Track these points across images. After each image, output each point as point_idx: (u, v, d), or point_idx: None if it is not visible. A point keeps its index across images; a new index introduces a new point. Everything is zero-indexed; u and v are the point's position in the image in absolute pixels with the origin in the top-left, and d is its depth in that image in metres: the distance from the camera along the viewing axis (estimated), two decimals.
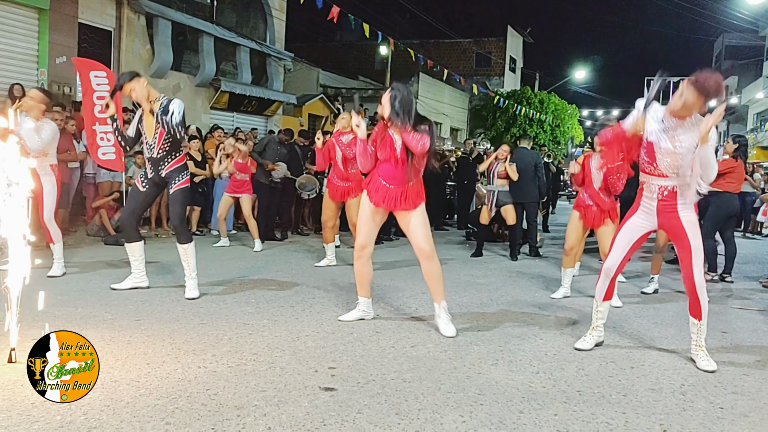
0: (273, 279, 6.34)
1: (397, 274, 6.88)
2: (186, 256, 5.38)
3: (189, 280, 5.36)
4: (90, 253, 7.46)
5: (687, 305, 4.11)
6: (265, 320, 4.60)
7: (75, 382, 2.77)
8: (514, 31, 36.06)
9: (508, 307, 5.55)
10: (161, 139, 5.24)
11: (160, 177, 5.33)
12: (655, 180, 3.98)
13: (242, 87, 16.14)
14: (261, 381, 3.30)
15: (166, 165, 5.29)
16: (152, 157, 5.31)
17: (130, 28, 13.18)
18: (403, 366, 3.66)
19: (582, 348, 4.21)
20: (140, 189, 5.42)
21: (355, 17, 14.45)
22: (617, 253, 4.13)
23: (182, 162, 5.37)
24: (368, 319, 4.76)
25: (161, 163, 5.29)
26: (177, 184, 5.31)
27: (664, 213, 3.99)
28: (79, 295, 5.14)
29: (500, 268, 7.84)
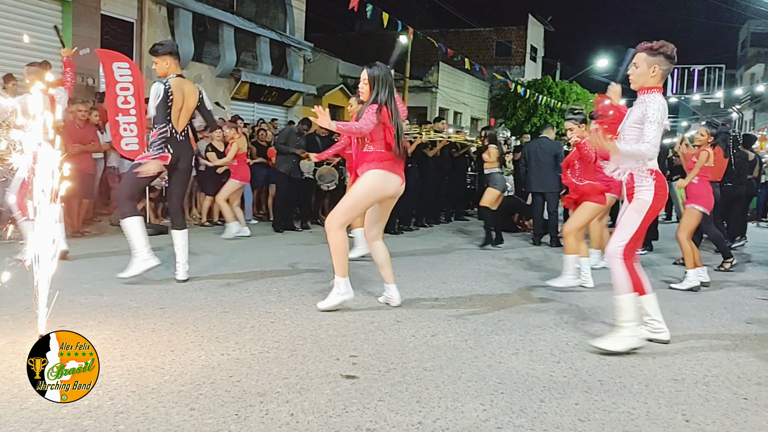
0: (294, 268, 6.38)
1: (418, 263, 6.89)
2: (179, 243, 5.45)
3: (181, 265, 5.44)
4: (114, 243, 7.55)
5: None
6: (287, 309, 4.64)
7: (75, 382, 2.81)
8: (535, 19, 35.71)
9: (528, 297, 5.54)
10: None
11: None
12: None
13: (262, 77, 16.21)
14: (283, 368, 3.34)
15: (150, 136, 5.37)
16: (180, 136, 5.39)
17: (152, 19, 13.28)
18: (423, 355, 3.68)
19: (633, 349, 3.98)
20: None
21: (374, 6, 14.42)
22: None
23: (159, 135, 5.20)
24: (393, 305, 4.82)
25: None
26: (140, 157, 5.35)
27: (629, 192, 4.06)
28: (104, 284, 5.22)
29: (521, 258, 7.82)
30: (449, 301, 5.17)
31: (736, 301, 5.76)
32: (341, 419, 2.74)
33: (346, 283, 4.64)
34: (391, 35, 26.79)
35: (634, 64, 3.97)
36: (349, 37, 31.78)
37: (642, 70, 3.95)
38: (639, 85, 3.98)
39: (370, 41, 31.67)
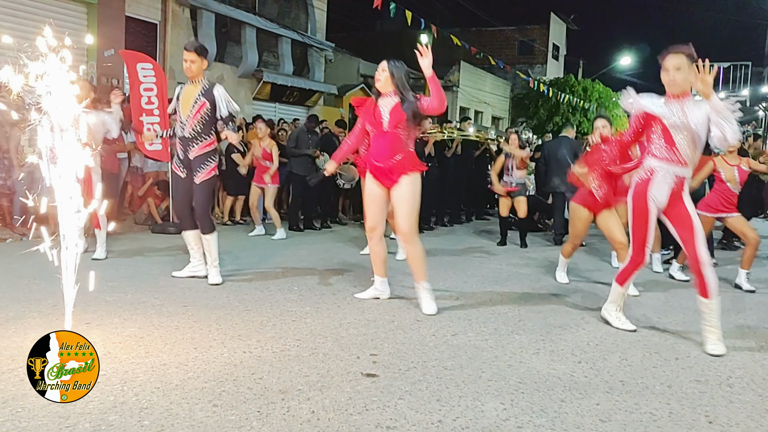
0: (315, 267, 6.42)
1: (438, 263, 6.88)
2: (209, 246, 5.40)
3: (211, 267, 5.41)
4: (138, 241, 7.67)
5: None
6: (308, 307, 4.68)
7: (75, 382, 2.84)
8: (558, 18, 35.40)
9: (549, 296, 5.51)
10: (195, 117, 5.20)
11: (188, 159, 5.29)
12: (672, 167, 4.02)
13: (284, 78, 16.29)
14: (304, 366, 3.37)
15: (196, 146, 5.24)
16: (183, 136, 5.28)
17: (175, 20, 13.42)
18: (444, 354, 3.68)
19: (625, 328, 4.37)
20: (181, 175, 5.39)
21: (397, 5, 14.43)
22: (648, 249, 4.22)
23: (212, 146, 5.34)
24: (383, 298, 4.94)
25: (191, 144, 5.25)
26: (203, 175, 5.28)
27: (673, 200, 4.06)
28: (129, 282, 5.30)
29: (542, 258, 7.78)
30: (470, 300, 5.17)
31: (761, 302, 5.68)
32: (361, 417, 2.76)
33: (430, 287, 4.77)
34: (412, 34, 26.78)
35: (677, 68, 3.87)
36: (370, 37, 31.79)
37: (685, 74, 3.87)
38: (682, 89, 3.91)
39: (391, 40, 31.67)
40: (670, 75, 3.90)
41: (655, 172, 4.06)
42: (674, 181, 4.03)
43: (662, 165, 4.03)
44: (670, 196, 4.05)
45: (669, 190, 4.04)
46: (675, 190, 4.04)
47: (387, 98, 4.66)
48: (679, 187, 4.05)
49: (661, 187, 4.04)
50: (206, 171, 5.31)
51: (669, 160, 4.01)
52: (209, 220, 5.49)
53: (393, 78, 4.62)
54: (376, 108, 4.68)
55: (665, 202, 4.07)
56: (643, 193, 4.09)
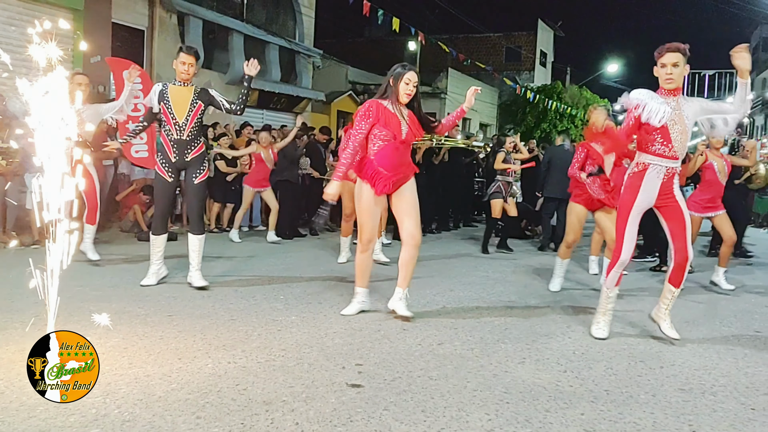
0: (301, 276, 6.40)
1: (425, 270, 6.88)
2: (197, 247, 5.48)
3: (195, 271, 5.48)
4: (123, 249, 7.61)
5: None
6: (294, 317, 4.66)
7: (75, 382, 2.81)
8: (545, 24, 35.65)
9: (535, 304, 5.53)
10: (193, 120, 5.29)
11: (184, 161, 5.35)
12: (665, 162, 4.16)
13: (271, 84, 16.27)
14: (289, 377, 3.35)
15: (193, 149, 5.36)
16: (180, 139, 5.31)
17: (162, 27, 13.39)
18: (429, 364, 3.68)
19: (600, 336, 4.38)
20: (167, 180, 5.38)
21: (385, 12, 14.49)
22: (629, 245, 4.31)
23: (203, 149, 5.48)
24: (367, 309, 4.87)
25: (189, 147, 5.33)
26: (199, 176, 5.41)
27: (663, 193, 4.21)
28: (113, 291, 5.26)
29: (529, 265, 7.80)
30: (456, 308, 5.17)
31: (745, 309, 5.72)
32: (346, 428, 2.74)
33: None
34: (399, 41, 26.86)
35: (674, 64, 4.02)
36: (358, 44, 31.88)
37: (681, 70, 4.05)
38: (677, 84, 4.07)
39: (379, 47, 31.76)
40: (667, 70, 4.04)
41: (649, 167, 4.20)
42: (665, 174, 4.17)
43: (655, 160, 4.18)
44: (660, 189, 4.19)
45: (659, 184, 4.19)
46: (665, 182, 4.18)
47: (404, 108, 4.63)
48: (669, 179, 4.19)
49: (653, 182, 4.19)
50: (204, 173, 5.47)
51: (663, 155, 4.15)
52: (202, 222, 5.64)
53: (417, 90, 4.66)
54: (395, 117, 4.59)
55: (655, 197, 4.22)
56: (635, 186, 4.23)
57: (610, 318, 4.49)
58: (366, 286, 4.91)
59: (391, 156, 4.55)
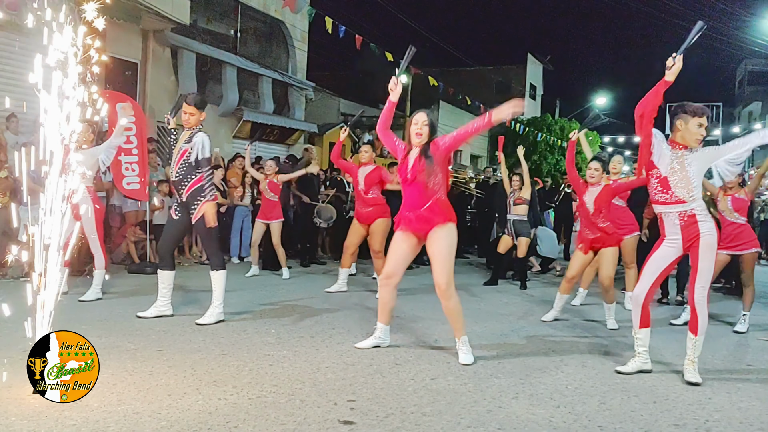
0: (293, 308, 6.36)
1: (418, 302, 6.86)
2: (216, 284, 5.54)
3: (211, 306, 5.50)
4: (114, 281, 7.54)
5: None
6: (286, 351, 4.62)
7: (75, 382, 2.77)
8: (534, 58, 36.20)
9: (529, 338, 5.51)
10: (179, 162, 5.45)
11: (183, 200, 5.51)
12: (673, 208, 4.23)
13: (264, 116, 16.37)
14: (281, 414, 3.31)
15: (186, 186, 5.46)
16: (174, 180, 5.55)
17: (156, 60, 13.47)
18: (422, 399, 3.65)
19: (623, 371, 4.37)
20: (174, 217, 5.60)
21: (377, 46, 14.67)
22: (645, 280, 4.36)
23: (200, 183, 5.46)
24: (383, 346, 4.81)
25: (181, 185, 5.48)
26: (196, 213, 5.46)
27: (688, 236, 4.23)
28: (103, 324, 5.20)
29: (522, 299, 7.79)
30: (449, 342, 5.13)
31: (738, 342, 5.72)
32: None
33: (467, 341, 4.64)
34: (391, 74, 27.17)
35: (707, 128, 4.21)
36: (350, 76, 32.18)
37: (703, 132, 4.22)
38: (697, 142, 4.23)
39: (371, 80, 32.09)
40: (702, 131, 4.21)
41: (662, 217, 4.33)
42: (679, 218, 4.24)
43: (663, 208, 4.29)
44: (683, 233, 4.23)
45: (679, 229, 4.24)
46: (683, 225, 4.23)
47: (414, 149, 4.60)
48: (688, 222, 4.21)
49: (671, 229, 4.28)
50: (198, 207, 5.46)
51: (666, 202, 4.26)
52: (220, 256, 5.67)
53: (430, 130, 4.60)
54: (406, 159, 4.60)
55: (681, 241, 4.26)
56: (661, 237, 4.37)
57: (641, 360, 4.46)
58: (385, 322, 4.83)
59: (406, 196, 4.61)
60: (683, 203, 4.20)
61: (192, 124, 5.50)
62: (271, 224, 8.78)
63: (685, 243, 4.25)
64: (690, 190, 4.19)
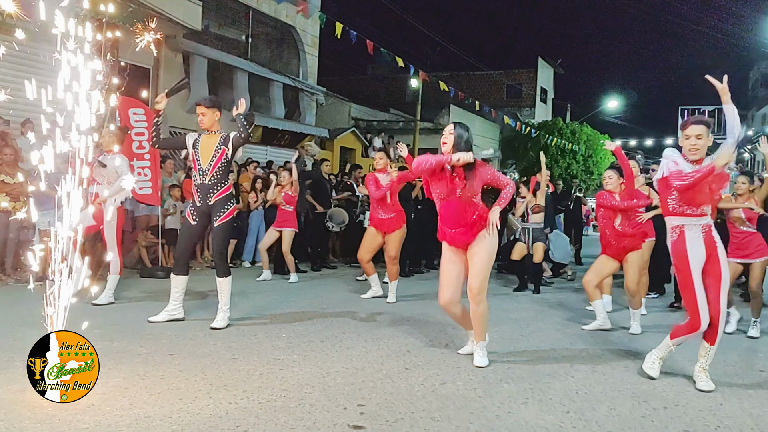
0: (303, 312, 6.39)
1: (428, 307, 6.86)
2: (222, 290, 5.58)
3: (220, 312, 5.55)
4: (126, 286, 7.60)
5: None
6: (296, 355, 4.64)
7: (75, 382, 2.78)
8: (545, 62, 36.12)
9: (539, 342, 5.50)
10: (216, 165, 5.47)
11: (207, 205, 5.53)
12: (698, 220, 4.25)
13: (275, 121, 16.47)
14: (291, 418, 3.33)
15: (216, 192, 5.52)
16: (203, 183, 5.52)
17: (168, 65, 13.60)
18: (432, 404, 3.66)
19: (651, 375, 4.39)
20: (191, 222, 5.63)
21: (388, 51, 14.72)
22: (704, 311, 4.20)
23: (229, 191, 5.60)
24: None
25: (211, 191, 5.51)
26: (221, 218, 5.53)
27: (709, 247, 4.26)
28: (115, 329, 5.25)
29: (532, 303, 7.78)
30: (459, 347, 5.14)
31: (750, 347, 5.68)
32: None
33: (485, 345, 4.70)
34: (402, 78, 27.22)
35: (698, 137, 4.16)
36: (361, 81, 32.28)
37: (705, 141, 4.18)
38: (701, 155, 4.18)
39: (382, 84, 32.17)
40: (692, 141, 4.17)
41: (684, 229, 4.28)
42: (703, 231, 4.26)
43: (685, 221, 4.27)
44: (706, 247, 4.24)
45: (702, 243, 4.24)
46: (706, 239, 4.25)
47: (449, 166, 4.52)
48: (708, 235, 4.25)
49: (694, 242, 4.25)
50: (226, 214, 5.57)
51: (691, 215, 4.25)
52: (226, 264, 5.72)
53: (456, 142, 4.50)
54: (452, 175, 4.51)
55: (704, 256, 4.24)
56: (682, 253, 4.26)
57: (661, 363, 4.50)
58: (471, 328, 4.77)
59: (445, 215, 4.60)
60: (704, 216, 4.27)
61: (207, 125, 5.53)
62: (283, 231, 8.87)
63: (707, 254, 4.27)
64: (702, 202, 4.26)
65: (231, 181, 5.65)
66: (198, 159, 5.53)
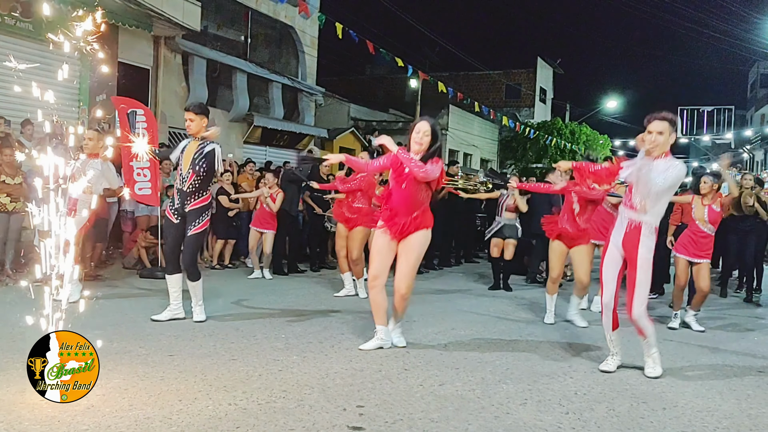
0: (302, 313, 6.40)
1: (427, 308, 6.87)
2: (194, 290, 5.71)
3: (196, 306, 5.70)
4: (126, 286, 7.62)
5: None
6: (295, 356, 4.65)
7: (75, 382, 2.78)
8: (544, 62, 36.11)
9: (537, 343, 5.51)
10: (192, 177, 5.52)
11: (183, 211, 5.60)
12: (627, 212, 4.40)
13: (274, 122, 16.48)
14: (290, 419, 3.34)
15: (192, 201, 5.57)
16: (182, 189, 5.59)
17: (167, 66, 13.59)
18: (430, 405, 3.67)
19: (607, 369, 4.53)
20: (173, 221, 5.67)
21: (387, 51, 14.74)
22: (609, 287, 4.51)
23: (206, 202, 5.63)
24: (386, 347, 4.93)
25: (188, 199, 5.56)
26: (194, 228, 5.58)
27: (627, 245, 4.40)
28: (115, 329, 5.25)
29: (531, 303, 7.78)
30: (457, 347, 5.15)
31: (748, 349, 5.69)
32: None
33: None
34: (401, 78, 27.21)
35: (659, 133, 4.21)
36: (360, 81, 32.25)
37: (666, 138, 4.22)
38: (661, 152, 4.23)
39: (381, 85, 32.16)
40: (652, 137, 4.22)
41: (619, 215, 4.53)
42: (626, 224, 4.40)
43: (622, 209, 4.47)
44: (624, 239, 4.39)
45: (623, 233, 4.40)
46: (628, 233, 4.38)
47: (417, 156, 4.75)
48: (632, 231, 4.36)
49: (618, 229, 4.47)
50: (199, 225, 5.62)
51: (625, 204, 4.42)
52: (196, 269, 5.78)
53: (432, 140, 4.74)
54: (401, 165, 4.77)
55: (620, 244, 4.43)
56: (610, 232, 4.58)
57: (618, 358, 4.63)
58: (384, 323, 4.97)
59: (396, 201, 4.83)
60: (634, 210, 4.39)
61: (194, 131, 5.56)
62: (265, 234, 9.02)
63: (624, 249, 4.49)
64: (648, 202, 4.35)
65: (209, 193, 5.71)
66: (180, 164, 5.60)
